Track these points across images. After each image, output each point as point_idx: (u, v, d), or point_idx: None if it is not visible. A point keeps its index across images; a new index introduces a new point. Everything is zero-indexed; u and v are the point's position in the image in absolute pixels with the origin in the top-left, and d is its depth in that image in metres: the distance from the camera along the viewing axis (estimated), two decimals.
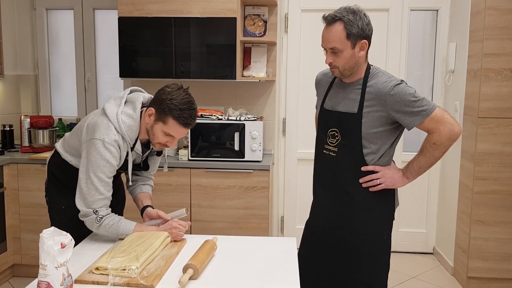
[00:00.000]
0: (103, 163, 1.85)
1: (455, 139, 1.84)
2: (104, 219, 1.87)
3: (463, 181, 3.40)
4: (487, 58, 3.12)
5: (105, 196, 1.88)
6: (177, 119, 1.83)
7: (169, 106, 1.83)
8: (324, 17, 1.86)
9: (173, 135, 1.88)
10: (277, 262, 1.74)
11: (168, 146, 1.93)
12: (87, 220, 1.88)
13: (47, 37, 4.03)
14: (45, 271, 1.36)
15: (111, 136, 1.85)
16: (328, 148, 1.99)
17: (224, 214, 3.30)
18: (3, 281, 3.37)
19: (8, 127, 3.59)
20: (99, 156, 1.84)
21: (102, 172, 1.85)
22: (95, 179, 1.85)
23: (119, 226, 1.87)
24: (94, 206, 1.86)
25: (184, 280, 1.49)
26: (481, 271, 3.28)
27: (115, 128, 1.87)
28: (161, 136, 1.89)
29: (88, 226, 1.90)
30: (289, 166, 3.98)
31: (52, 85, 4.10)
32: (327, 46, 1.87)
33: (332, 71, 1.93)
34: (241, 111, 3.56)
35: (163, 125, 1.86)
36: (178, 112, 1.83)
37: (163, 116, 1.85)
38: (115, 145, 1.86)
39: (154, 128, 1.89)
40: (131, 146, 1.93)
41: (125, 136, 1.89)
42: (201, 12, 3.30)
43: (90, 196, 1.86)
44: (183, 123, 1.85)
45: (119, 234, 1.88)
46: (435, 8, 3.81)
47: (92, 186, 1.85)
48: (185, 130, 1.88)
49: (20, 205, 3.36)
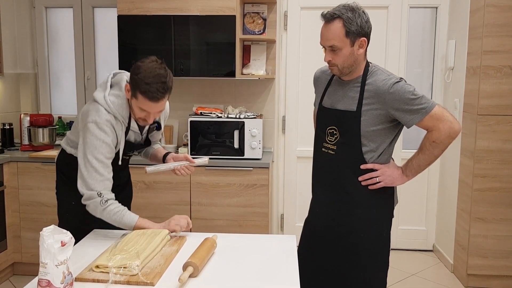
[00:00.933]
0: (99, 143, 1.87)
1: (454, 137, 1.84)
2: (110, 203, 1.87)
3: (462, 179, 3.40)
4: (487, 55, 3.12)
5: (106, 177, 1.89)
6: (144, 94, 1.81)
7: (136, 81, 1.82)
8: (323, 15, 1.86)
9: (146, 110, 1.87)
10: (277, 260, 1.74)
11: (147, 120, 1.93)
12: (91, 203, 1.88)
13: (46, 35, 4.03)
14: (46, 269, 1.36)
15: (103, 117, 1.88)
16: (327, 146, 1.99)
17: (224, 212, 3.30)
18: (4, 279, 3.38)
19: (8, 126, 3.59)
20: (94, 138, 1.87)
21: (100, 152, 1.87)
22: (94, 161, 1.86)
23: (124, 215, 1.88)
24: (96, 188, 1.87)
25: (184, 278, 1.49)
26: (481, 268, 3.29)
27: (105, 110, 1.90)
28: (138, 112, 1.90)
29: (91, 211, 1.90)
30: (288, 164, 3.98)
31: (52, 83, 4.10)
32: (326, 44, 1.86)
33: (331, 69, 1.93)
34: (240, 109, 3.56)
35: (135, 100, 1.87)
36: (144, 87, 1.80)
37: (134, 91, 1.85)
38: (108, 125, 1.89)
39: (132, 104, 1.91)
40: (126, 125, 1.96)
41: (116, 115, 1.91)
42: (200, 10, 3.30)
43: (90, 179, 1.87)
44: (150, 97, 1.81)
45: (121, 223, 1.88)
46: (434, 5, 3.80)
47: (92, 168, 1.86)
48: (157, 104, 1.84)
49: (20, 203, 3.36)
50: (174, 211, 3.31)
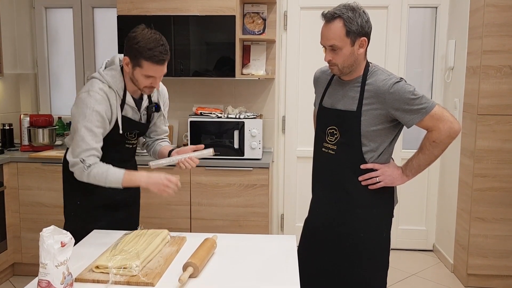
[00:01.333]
0: (89, 111, 1.90)
1: (454, 136, 1.84)
2: (92, 167, 1.89)
3: (462, 178, 3.40)
4: (487, 55, 3.12)
5: (92, 146, 1.90)
6: (150, 59, 1.86)
7: (137, 50, 1.87)
8: (323, 14, 1.86)
9: (153, 75, 1.91)
10: (277, 260, 1.74)
11: (154, 86, 1.97)
12: (76, 170, 1.91)
13: (46, 35, 4.03)
14: (46, 269, 1.36)
15: (96, 86, 1.93)
16: (327, 146, 1.98)
17: (224, 212, 3.30)
18: (4, 279, 3.38)
19: (8, 126, 3.59)
20: (85, 106, 1.90)
21: (89, 121, 1.89)
22: (82, 129, 1.89)
23: (108, 174, 1.89)
24: (80, 156, 1.89)
25: (184, 278, 1.49)
26: (481, 268, 3.29)
27: (99, 80, 1.96)
28: (143, 80, 1.93)
29: (78, 177, 1.93)
30: (288, 164, 3.98)
31: (52, 83, 4.10)
32: (326, 43, 1.86)
33: (331, 69, 1.93)
34: (240, 109, 3.56)
35: (140, 69, 1.90)
36: (148, 53, 1.85)
37: (137, 61, 1.89)
38: (101, 92, 1.93)
39: (135, 75, 1.93)
40: (120, 97, 1.98)
41: (110, 85, 1.95)
42: (200, 10, 3.30)
43: (77, 147, 1.90)
44: (156, 61, 1.87)
45: (108, 182, 1.90)
46: (434, 5, 3.80)
47: (79, 137, 1.89)
48: (162, 67, 1.91)
49: (20, 204, 3.36)
50: (174, 211, 3.31)
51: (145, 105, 2.14)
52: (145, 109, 2.15)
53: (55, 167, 3.30)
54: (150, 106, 2.16)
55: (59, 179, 3.28)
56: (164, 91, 2.27)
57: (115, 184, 1.91)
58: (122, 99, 2.01)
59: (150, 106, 2.16)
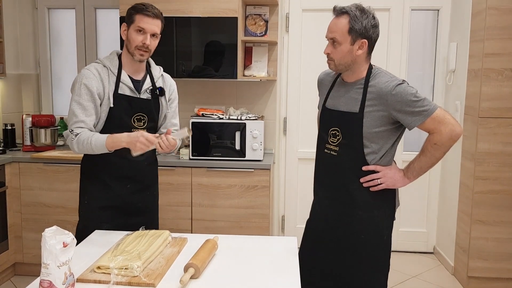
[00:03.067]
0: (77, 86, 2.05)
1: (456, 139, 1.85)
2: (79, 136, 2.01)
3: (463, 181, 3.40)
4: (488, 58, 3.12)
5: (81, 119, 2.03)
6: (141, 11, 2.04)
7: (132, 9, 2.07)
8: (334, 8, 1.90)
9: (143, 27, 2.04)
10: (277, 261, 1.74)
11: (145, 44, 2.05)
12: (67, 140, 2.06)
13: (48, 36, 4.04)
14: (47, 270, 1.37)
15: (90, 65, 2.11)
16: (329, 147, 1.99)
17: (225, 213, 3.31)
18: (5, 279, 3.38)
19: (10, 126, 3.60)
20: (77, 84, 2.06)
21: (79, 95, 2.04)
22: (74, 104, 2.04)
23: (92, 139, 1.99)
24: (70, 127, 2.03)
25: (185, 279, 1.49)
26: (482, 270, 3.29)
27: (95, 62, 2.14)
28: (135, 36, 2.05)
29: (71, 147, 2.06)
30: (290, 166, 3.99)
31: (54, 84, 4.11)
32: (328, 35, 1.90)
33: (328, 63, 1.95)
34: (242, 111, 3.56)
35: (133, 25, 2.06)
36: (139, 6, 2.05)
37: (130, 19, 2.07)
38: (92, 69, 2.08)
39: (129, 35, 2.08)
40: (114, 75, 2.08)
41: (104, 63, 2.10)
42: (202, 12, 3.31)
43: (70, 121, 2.06)
44: (147, 13, 2.03)
45: (93, 147, 1.99)
46: (436, 8, 3.81)
47: (71, 111, 2.05)
48: (151, 20, 2.05)
49: (22, 204, 3.37)
50: (175, 212, 3.32)
51: (146, 87, 2.17)
52: (149, 92, 2.18)
53: (56, 167, 3.31)
54: (154, 88, 2.19)
55: (61, 179, 3.31)
56: (171, 81, 2.33)
57: (100, 148, 1.99)
58: (117, 77, 2.09)
59: (154, 88, 2.19)
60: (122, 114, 2.09)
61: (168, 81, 2.30)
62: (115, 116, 2.09)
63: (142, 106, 2.15)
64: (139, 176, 2.22)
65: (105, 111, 2.08)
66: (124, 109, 2.10)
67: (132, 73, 2.14)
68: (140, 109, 2.15)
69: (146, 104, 2.16)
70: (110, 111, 2.08)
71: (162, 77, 2.27)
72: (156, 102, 2.21)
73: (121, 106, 2.09)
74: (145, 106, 2.16)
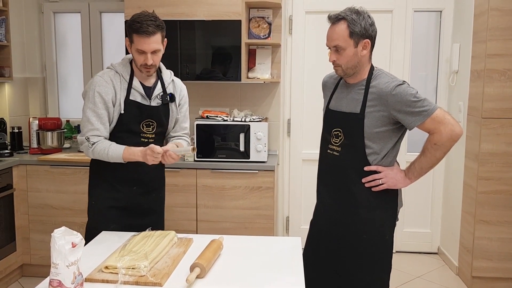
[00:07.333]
0: (91, 93, 2.06)
1: (456, 139, 1.86)
2: (96, 145, 2.06)
3: (467, 181, 3.41)
4: (491, 58, 3.13)
5: (96, 127, 2.05)
6: (136, 31, 1.99)
7: (129, 25, 2.01)
8: (329, 17, 1.92)
9: (142, 49, 2.01)
10: (282, 262, 1.76)
11: (147, 63, 2.04)
12: (83, 147, 2.10)
13: (54, 40, 4.08)
14: (57, 269, 1.39)
15: (103, 72, 2.12)
16: (332, 148, 2.01)
17: (230, 214, 3.33)
18: (13, 280, 3.42)
19: (17, 129, 3.64)
20: (90, 91, 2.07)
21: (94, 103, 2.06)
22: (88, 111, 2.07)
23: (109, 150, 2.03)
24: (86, 134, 2.06)
25: (191, 279, 1.52)
26: (486, 270, 3.29)
27: (108, 68, 2.15)
28: (137, 57, 2.05)
29: (86, 154, 2.11)
30: (294, 167, 4.01)
31: (60, 87, 4.15)
32: (330, 44, 1.92)
33: (336, 70, 1.97)
34: (246, 112, 3.59)
35: (133, 45, 2.04)
36: (135, 25, 1.98)
37: (129, 36, 2.04)
38: (105, 76, 2.09)
39: (132, 52, 2.08)
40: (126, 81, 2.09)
41: (116, 69, 2.10)
42: (206, 15, 3.34)
43: (84, 128, 2.09)
44: (141, 32, 1.97)
45: (109, 158, 2.04)
46: (438, 9, 3.82)
47: (85, 118, 2.08)
48: (149, 39, 1.99)
49: (29, 206, 3.41)
50: (180, 213, 3.34)
51: (157, 93, 2.19)
52: (160, 98, 2.19)
53: (63, 170, 3.35)
54: (164, 95, 2.21)
55: (68, 181, 3.35)
56: (181, 86, 2.35)
57: (116, 159, 2.04)
58: (128, 84, 2.11)
59: (164, 95, 2.21)
60: (131, 120, 2.12)
61: (178, 86, 2.31)
62: (125, 121, 2.12)
63: (152, 113, 2.18)
64: (146, 179, 2.25)
65: (115, 116, 2.10)
66: (134, 115, 2.12)
67: (143, 79, 2.16)
68: (150, 116, 2.17)
69: (156, 110, 2.19)
70: (120, 117, 2.10)
71: (173, 82, 2.28)
72: (166, 108, 2.23)
73: (131, 112, 2.12)
74: (155, 112, 2.19)
